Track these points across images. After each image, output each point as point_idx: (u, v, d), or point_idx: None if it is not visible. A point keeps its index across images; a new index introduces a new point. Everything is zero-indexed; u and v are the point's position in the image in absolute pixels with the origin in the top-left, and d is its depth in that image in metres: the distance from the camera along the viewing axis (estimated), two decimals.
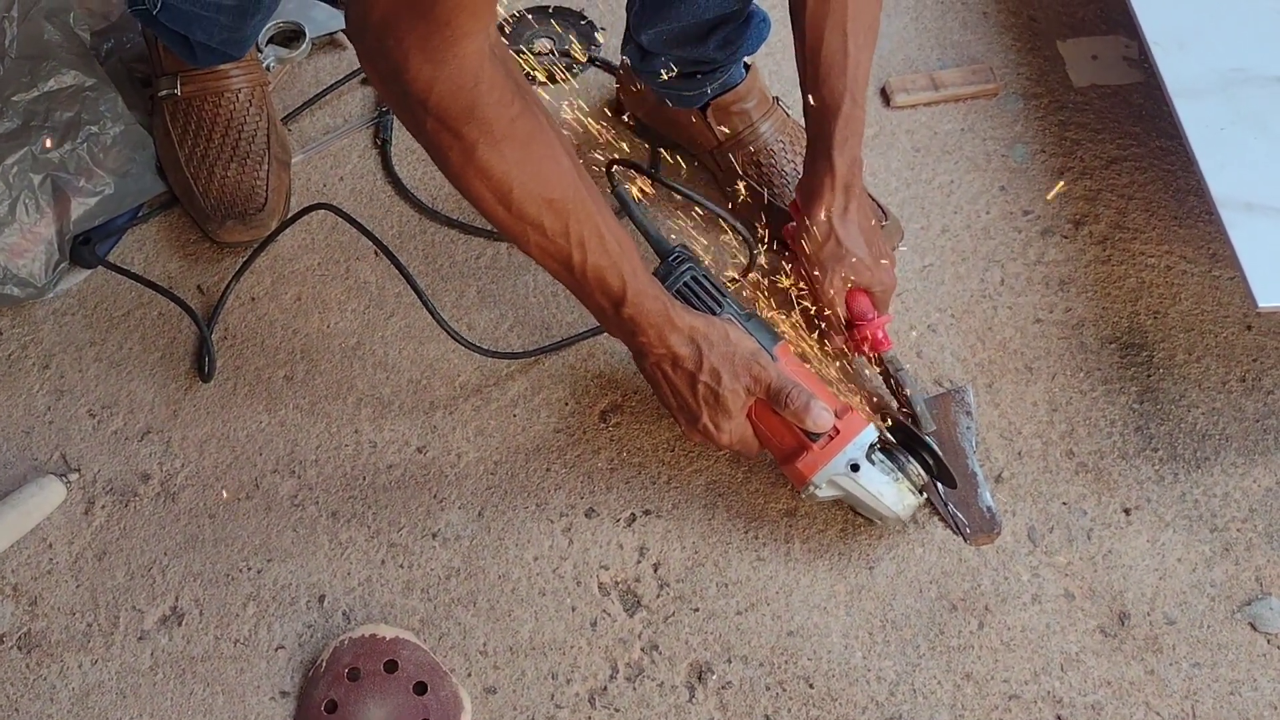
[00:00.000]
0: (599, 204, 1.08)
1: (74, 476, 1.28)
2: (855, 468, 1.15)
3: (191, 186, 1.44)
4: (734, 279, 1.34)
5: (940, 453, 1.17)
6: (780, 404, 1.14)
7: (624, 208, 1.28)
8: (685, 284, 1.22)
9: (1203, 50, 1.38)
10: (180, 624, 1.19)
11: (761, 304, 1.28)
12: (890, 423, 1.20)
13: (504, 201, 1.03)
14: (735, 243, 1.36)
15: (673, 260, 1.23)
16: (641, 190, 1.43)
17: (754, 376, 1.14)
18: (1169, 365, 1.33)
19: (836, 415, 1.15)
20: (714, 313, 1.20)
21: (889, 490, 1.16)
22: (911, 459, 1.17)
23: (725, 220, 1.30)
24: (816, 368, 1.23)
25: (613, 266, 1.09)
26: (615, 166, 1.32)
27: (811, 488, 1.17)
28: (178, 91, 1.45)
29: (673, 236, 1.37)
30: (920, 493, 1.18)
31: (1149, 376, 1.33)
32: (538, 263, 1.10)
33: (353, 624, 1.19)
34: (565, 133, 1.10)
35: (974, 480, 1.26)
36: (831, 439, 1.15)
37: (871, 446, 1.16)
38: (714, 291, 1.22)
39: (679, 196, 1.34)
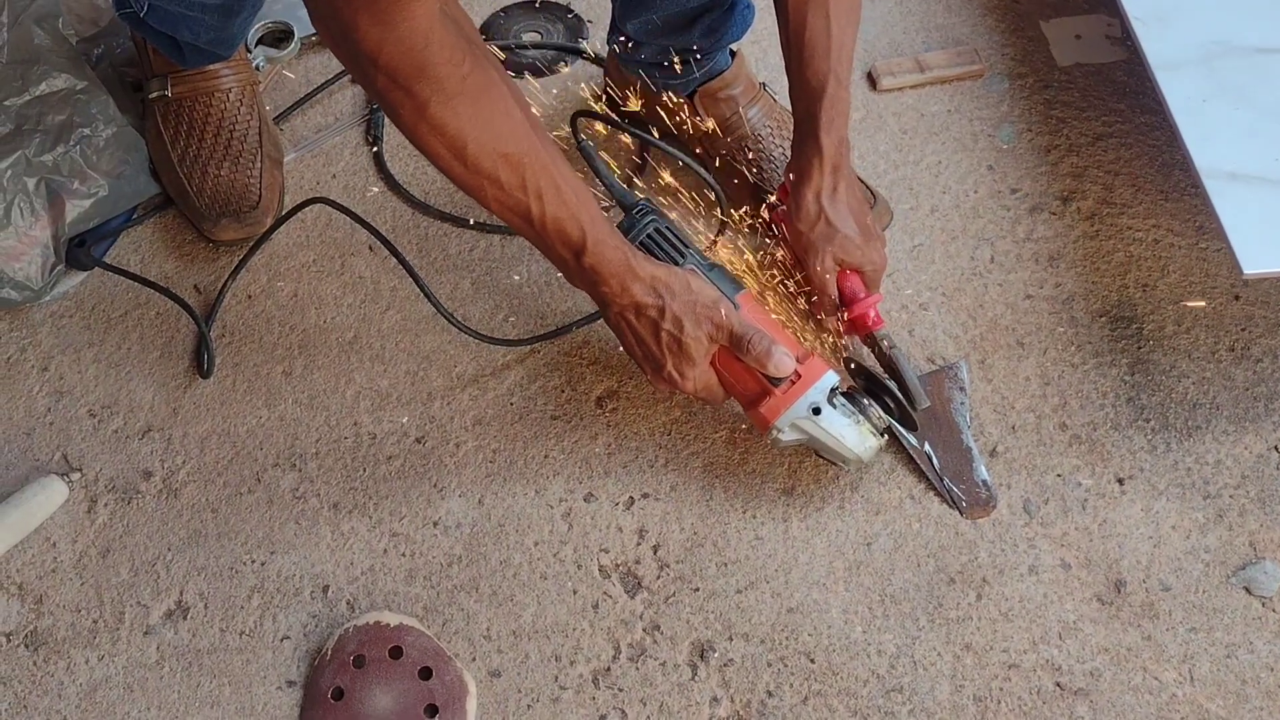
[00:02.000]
0: (555, 156, 1.09)
1: (76, 476, 1.29)
2: (817, 411, 1.17)
3: (185, 186, 1.45)
4: (713, 239, 1.34)
5: (900, 396, 1.19)
6: (742, 350, 1.16)
7: (587, 161, 1.29)
8: (649, 235, 1.23)
9: (1183, 24, 1.40)
10: (185, 618, 1.20)
11: (730, 259, 1.29)
12: (853, 366, 1.22)
13: (459, 157, 1.05)
14: (706, 206, 1.37)
15: (636, 212, 1.25)
16: (642, 156, 1.43)
17: (716, 324, 1.16)
18: (1159, 337, 1.35)
19: (798, 360, 1.17)
20: (677, 263, 1.22)
21: (850, 432, 1.18)
22: (873, 402, 1.19)
23: (698, 173, 1.30)
24: (779, 315, 1.24)
25: (571, 217, 1.10)
26: (579, 118, 1.33)
27: (775, 432, 1.18)
28: (168, 93, 1.46)
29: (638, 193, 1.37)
30: (882, 435, 1.20)
31: (1139, 348, 1.34)
32: (497, 216, 1.11)
33: (357, 613, 1.20)
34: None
35: (969, 454, 1.27)
36: (793, 384, 1.17)
37: (833, 390, 1.18)
38: (677, 242, 1.23)
39: (647, 144, 1.34)
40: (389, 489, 1.28)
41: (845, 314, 1.28)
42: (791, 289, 1.29)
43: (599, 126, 1.43)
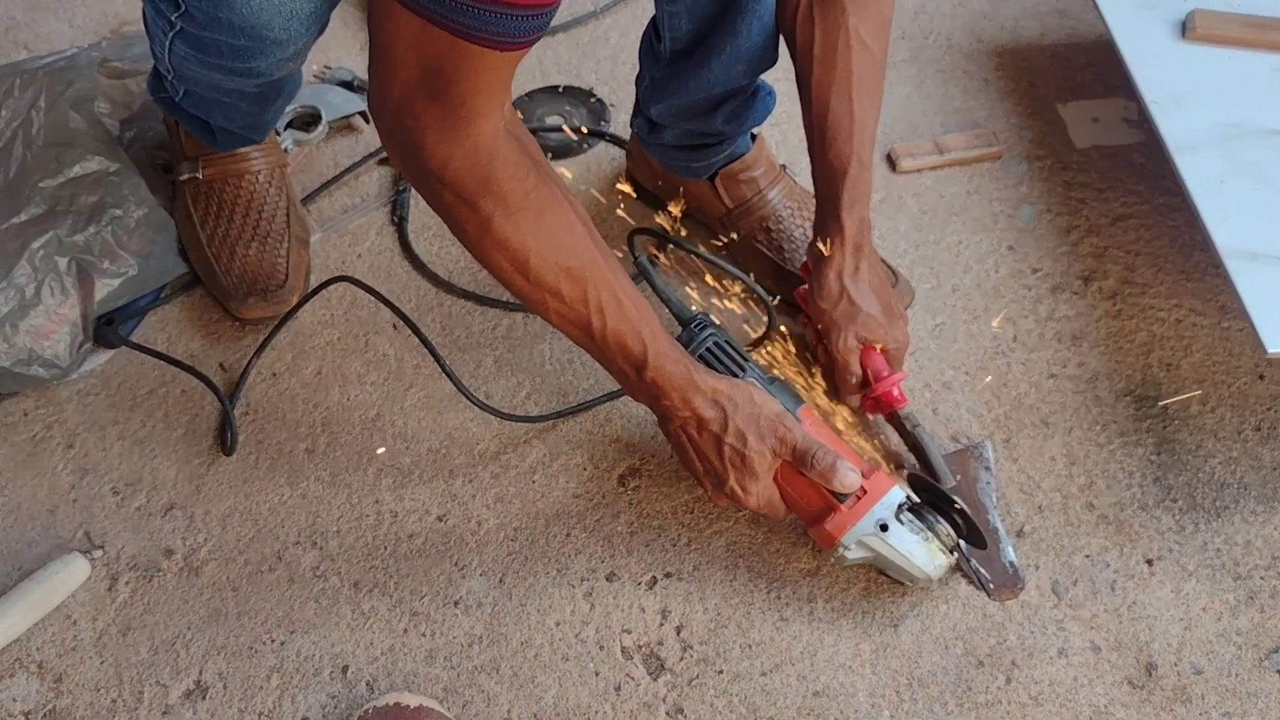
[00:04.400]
0: (615, 270, 1.10)
1: (98, 553, 1.29)
2: (884, 528, 1.15)
3: (214, 266, 1.46)
4: (751, 345, 1.36)
5: (970, 512, 1.17)
6: (806, 465, 1.14)
7: (644, 276, 1.30)
8: (708, 349, 1.23)
9: (1199, 107, 1.41)
10: (204, 698, 1.19)
11: (783, 368, 1.30)
12: (917, 483, 1.20)
13: (522, 271, 1.06)
14: (752, 306, 1.38)
15: (694, 326, 1.25)
16: (658, 256, 1.46)
17: (779, 438, 1.15)
18: (1184, 416, 1.34)
19: (863, 476, 1.16)
20: (737, 377, 1.21)
21: (919, 550, 1.16)
22: (941, 518, 1.17)
23: (744, 283, 1.31)
24: (841, 430, 1.24)
25: (632, 330, 1.10)
26: (636, 235, 1.35)
27: (841, 549, 1.16)
28: (199, 175, 1.49)
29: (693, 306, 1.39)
30: (951, 552, 1.18)
31: (1164, 428, 1.33)
32: (559, 329, 1.12)
33: (376, 693, 1.18)
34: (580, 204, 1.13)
35: (996, 535, 1.26)
36: (859, 499, 1.15)
37: (900, 506, 1.16)
38: (736, 356, 1.23)
39: (699, 261, 1.37)
40: (410, 567, 1.27)
41: (869, 392, 1.28)
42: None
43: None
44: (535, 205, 1.04)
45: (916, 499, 1.19)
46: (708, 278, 1.41)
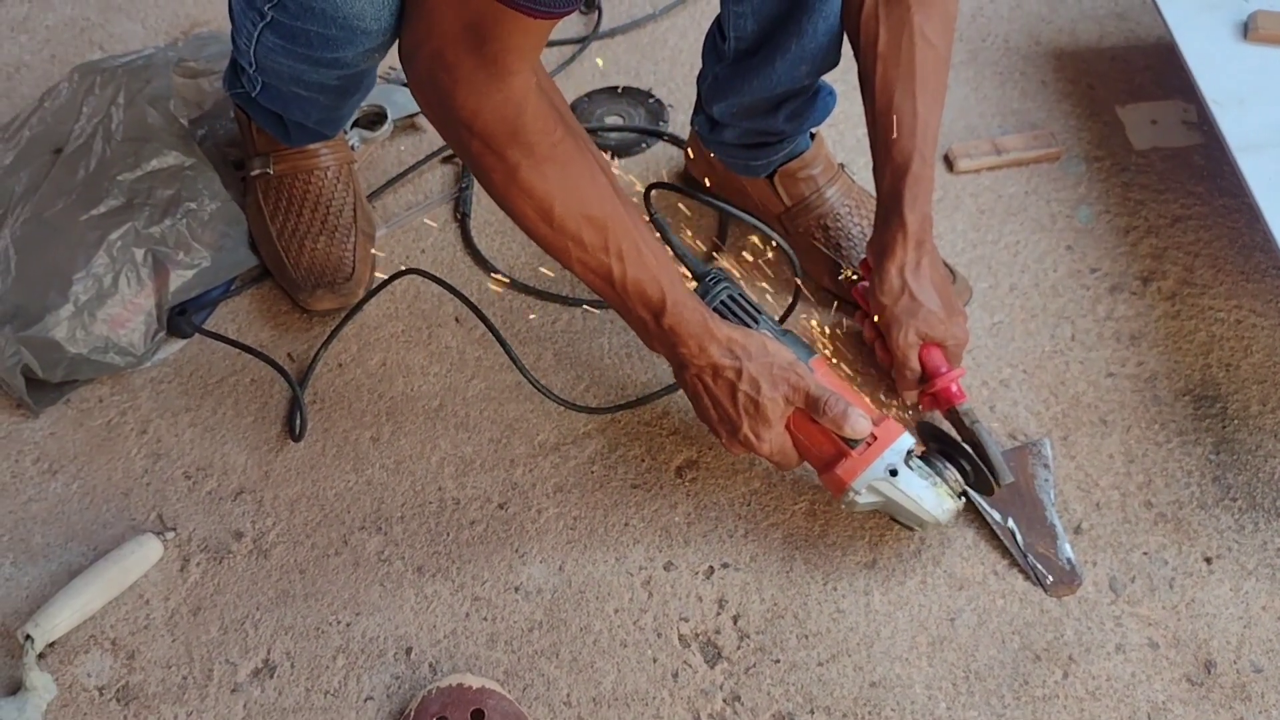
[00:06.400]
0: (636, 220, 1.13)
1: (170, 535, 1.32)
2: (894, 472, 1.17)
3: (283, 259, 1.50)
4: (782, 317, 1.36)
5: (976, 458, 1.19)
6: (819, 411, 1.17)
7: (660, 232, 1.32)
8: (722, 302, 1.25)
9: (1262, 107, 1.41)
10: (272, 676, 1.22)
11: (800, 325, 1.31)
12: (926, 430, 1.22)
13: (546, 218, 1.09)
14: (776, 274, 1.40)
15: (709, 280, 1.27)
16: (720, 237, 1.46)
17: (792, 385, 1.17)
18: (1243, 416, 1.34)
19: (873, 422, 1.18)
20: (750, 328, 1.23)
21: (928, 494, 1.18)
22: (949, 464, 1.19)
23: (769, 235, 1.33)
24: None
25: (651, 278, 1.13)
26: (653, 190, 1.37)
27: (851, 494, 1.18)
28: (270, 170, 1.52)
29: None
30: (959, 497, 1.20)
31: (1224, 428, 1.33)
32: (580, 278, 1.15)
33: (439, 675, 1.21)
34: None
35: (1053, 531, 1.26)
36: (869, 445, 1.18)
37: (909, 452, 1.18)
38: (750, 309, 1.25)
39: (718, 210, 1.37)
40: (471, 553, 1.30)
41: (928, 388, 1.29)
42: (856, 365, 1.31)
43: (682, 206, 1.46)
44: (561, 156, 1.07)
45: (927, 446, 1.21)
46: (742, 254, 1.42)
